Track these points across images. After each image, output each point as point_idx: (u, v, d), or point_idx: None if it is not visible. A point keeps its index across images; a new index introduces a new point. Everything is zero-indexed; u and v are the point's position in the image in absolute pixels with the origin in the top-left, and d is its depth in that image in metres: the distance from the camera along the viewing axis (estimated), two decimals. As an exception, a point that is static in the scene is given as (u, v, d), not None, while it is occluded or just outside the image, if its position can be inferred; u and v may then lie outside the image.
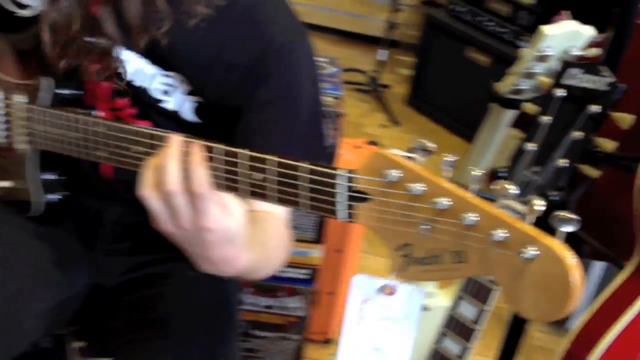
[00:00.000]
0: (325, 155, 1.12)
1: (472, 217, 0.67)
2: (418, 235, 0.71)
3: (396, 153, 0.73)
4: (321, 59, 1.84)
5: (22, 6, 1.07)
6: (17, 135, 1.09)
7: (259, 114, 1.02)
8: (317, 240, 1.70)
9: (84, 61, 0.99)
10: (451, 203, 0.68)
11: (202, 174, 0.77)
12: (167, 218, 0.79)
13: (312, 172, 0.77)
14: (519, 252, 0.63)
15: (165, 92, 1.05)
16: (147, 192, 0.79)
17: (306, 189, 0.77)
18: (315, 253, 1.71)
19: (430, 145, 0.73)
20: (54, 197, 1.14)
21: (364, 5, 4.66)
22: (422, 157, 0.73)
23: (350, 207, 0.75)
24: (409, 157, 0.72)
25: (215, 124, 1.06)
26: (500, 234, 0.65)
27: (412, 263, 0.72)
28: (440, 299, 1.56)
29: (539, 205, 0.66)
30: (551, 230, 0.65)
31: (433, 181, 0.69)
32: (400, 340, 0.92)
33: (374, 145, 2.16)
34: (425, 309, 1.57)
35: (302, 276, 1.74)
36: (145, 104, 1.06)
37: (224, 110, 1.04)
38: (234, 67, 1.01)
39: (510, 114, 1.27)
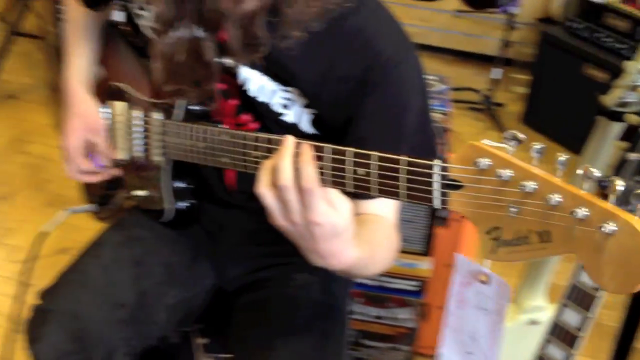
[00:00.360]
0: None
1: (556, 197, 0.72)
2: (507, 217, 0.77)
3: (487, 143, 0.79)
4: (430, 77, 1.89)
5: None
6: (153, 149, 1.22)
7: (367, 124, 1.07)
8: (426, 252, 1.74)
9: (198, 83, 1.08)
10: (537, 186, 0.74)
11: (311, 171, 0.84)
12: (280, 213, 0.87)
13: (410, 164, 0.84)
14: (599, 227, 0.68)
15: (285, 106, 1.13)
16: (263, 189, 0.87)
17: (405, 180, 0.85)
18: (424, 265, 1.76)
19: (521, 135, 0.79)
20: (183, 204, 1.26)
21: (478, 25, 4.65)
22: (512, 147, 0.79)
23: (444, 194, 0.82)
24: (500, 147, 0.78)
25: (329, 135, 1.12)
26: (582, 211, 0.70)
27: (502, 245, 0.78)
28: (549, 312, 1.57)
29: (620, 184, 0.71)
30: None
31: (520, 166, 0.76)
32: (492, 334, 0.96)
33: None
34: (534, 322, 1.59)
35: (411, 288, 1.78)
36: (267, 118, 1.15)
37: (336, 122, 1.10)
38: (344, 79, 1.07)
39: (617, 127, 1.28)
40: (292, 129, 1.14)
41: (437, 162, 0.81)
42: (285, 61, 1.08)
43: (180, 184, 1.25)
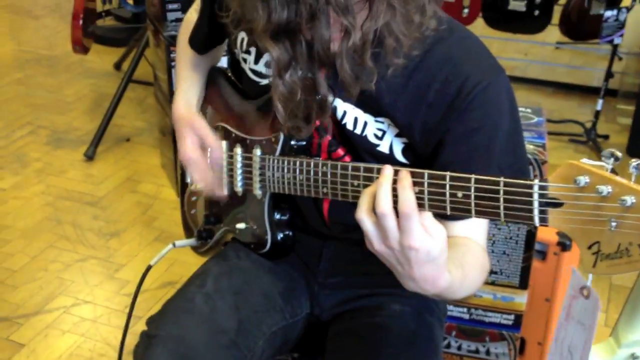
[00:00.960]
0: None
1: None
2: (607, 232, 0.80)
3: (585, 162, 0.82)
4: (526, 110, 1.89)
5: (263, 76, 1.27)
6: (253, 183, 1.28)
7: (457, 147, 1.09)
8: (522, 285, 1.72)
9: (309, 119, 1.14)
10: (636, 200, 0.77)
11: (409, 196, 0.89)
12: (378, 239, 0.92)
13: (509, 184, 0.88)
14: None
15: (378, 137, 1.17)
16: (363, 215, 0.92)
17: (504, 200, 0.88)
18: (520, 299, 1.74)
19: (618, 153, 0.83)
20: (281, 235, 1.31)
21: (580, 56, 4.56)
22: (609, 164, 0.81)
23: (544, 212, 0.85)
24: (598, 165, 0.82)
25: (420, 163, 1.16)
26: None
27: (603, 259, 0.81)
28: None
29: None
30: None
31: (619, 182, 0.79)
32: (585, 350, 0.97)
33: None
34: (635, 357, 1.54)
35: (506, 322, 1.76)
36: (361, 150, 1.19)
37: (427, 149, 1.13)
38: (435, 106, 1.10)
39: None
40: (386, 159, 1.17)
41: (536, 182, 0.85)
42: (377, 92, 1.12)
43: (279, 216, 1.31)
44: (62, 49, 4.51)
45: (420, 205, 0.93)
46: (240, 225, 1.36)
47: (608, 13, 3.31)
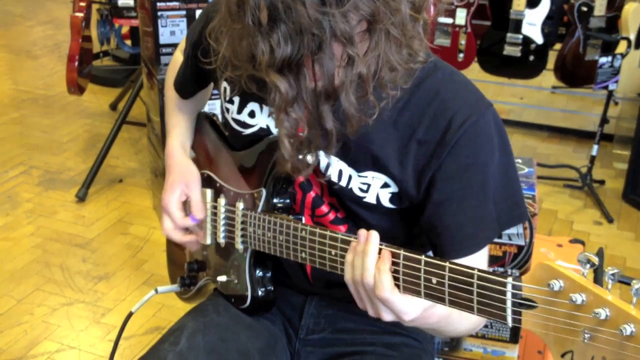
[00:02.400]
0: (523, 218, 1.15)
1: (630, 328, 0.70)
2: (580, 343, 0.76)
3: (561, 264, 0.78)
4: (517, 160, 1.87)
5: (245, 126, 1.26)
6: (236, 237, 1.26)
7: (451, 184, 1.08)
8: (513, 339, 1.69)
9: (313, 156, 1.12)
10: (611, 314, 0.72)
11: (386, 281, 0.94)
12: (358, 299, 1.01)
13: (482, 278, 0.86)
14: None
15: (363, 190, 1.15)
16: (349, 281, 1.01)
17: (477, 294, 0.86)
18: (511, 353, 1.70)
19: (595, 259, 0.78)
20: (262, 291, 1.28)
21: (577, 101, 4.57)
22: (586, 269, 0.78)
23: (517, 313, 0.82)
24: (573, 269, 0.78)
25: (408, 207, 1.15)
26: None
27: None
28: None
29: None
30: None
31: (594, 292, 0.74)
32: None
33: (578, 243, 2.11)
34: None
35: (498, 376, 1.72)
36: (349, 201, 1.17)
37: (419, 191, 1.11)
38: (425, 142, 1.08)
39: None
40: (374, 208, 1.16)
41: (510, 281, 0.83)
42: (365, 139, 1.11)
43: (261, 272, 1.28)
44: (59, 89, 4.51)
45: (396, 286, 0.96)
46: (222, 278, 1.34)
47: (603, 59, 3.32)
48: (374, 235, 0.98)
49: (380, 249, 0.98)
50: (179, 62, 1.44)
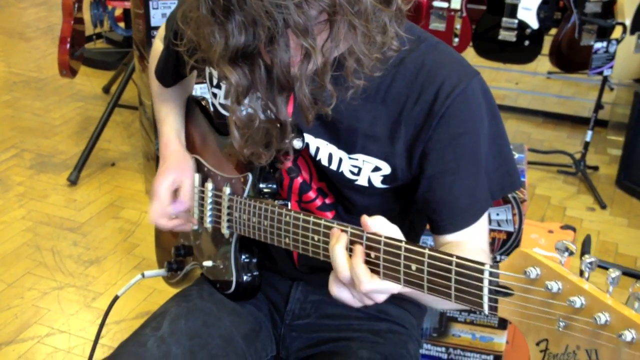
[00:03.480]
0: (515, 186, 1.15)
1: (605, 316, 0.70)
2: (555, 331, 0.75)
3: (538, 252, 0.78)
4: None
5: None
6: (222, 222, 1.25)
7: (444, 155, 1.07)
8: (502, 325, 1.68)
9: (269, 146, 1.10)
10: (586, 302, 0.72)
11: (362, 273, 0.93)
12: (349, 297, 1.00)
13: (460, 265, 0.85)
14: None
15: (354, 173, 1.14)
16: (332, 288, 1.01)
17: (455, 281, 0.86)
18: (500, 339, 1.69)
19: (573, 246, 0.78)
20: (248, 276, 1.27)
21: (573, 86, 4.55)
22: (563, 257, 0.77)
23: (493, 300, 0.82)
24: (551, 257, 0.77)
25: (401, 187, 1.14)
26: (630, 334, 0.67)
27: (550, 358, 0.76)
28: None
29: None
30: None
31: (570, 280, 0.74)
32: None
33: (569, 229, 2.10)
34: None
35: (486, 362, 1.72)
36: (340, 185, 1.17)
37: (411, 167, 1.11)
38: (414, 117, 1.07)
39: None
40: (365, 191, 1.15)
41: (487, 268, 0.82)
42: (355, 124, 1.10)
43: (246, 257, 1.27)
44: (52, 72, 4.48)
45: (375, 272, 0.95)
46: (208, 263, 1.33)
47: (598, 45, 3.30)
48: (342, 237, 0.98)
49: (355, 242, 0.97)
50: (159, 50, 1.42)
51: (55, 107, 4.14)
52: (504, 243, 1.61)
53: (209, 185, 1.29)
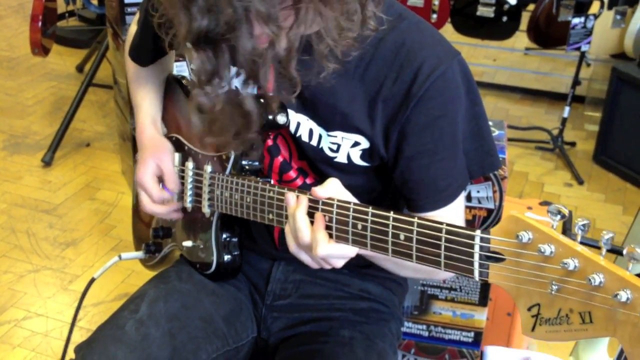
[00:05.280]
0: (494, 166, 1.15)
1: (599, 278, 0.69)
2: (548, 295, 0.74)
3: (530, 216, 0.77)
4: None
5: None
6: (203, 200, 1.23)
7: (422, 137, 1.06)
8: (482, 302, 1.68)
9: (238, 134, 1.08)
10: (579, 264, 0.71)
11: (319, 239, 0.96)
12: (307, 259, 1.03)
13: (450, 232, 0.84)
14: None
15: (333, 150, 1.12)
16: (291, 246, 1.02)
17: (445, 249, 0.84)
18: (480, 316, 1.70)
19: (565, 210, 0.76)
20: (229, 256, 1.26)
21: (548, 63, 4.56)
22: (555, 221, 0.76)
23: (484, 266, 0.81)
24: (543, 221, 0.76)
25: (381, 164, 1.13)
26: (625, 294, 0.67)
27: (542, 323, 0.76)
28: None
29: None
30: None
31: (563, 243, 0.73)
32: None
33: (548, 205, 2.11)
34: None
35: (466, 339, 1.72)
36: (320, 162, 1.15)
37: (389, 145, 1.09)
38: (392, 97, 1.06)
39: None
40: (345, 169, 1.14)
41: (478, 233, 0.81)
42: (333, 101, 1.08)
43: (227, 237, 1.25)
44: (24, 51, 4.39)
45: (362, 244, 0.94)
46: (187, 243, 1.31)
47: (575, 20, 3.29)
48: (302, 202, 0.99)
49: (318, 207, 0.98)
50: (134, 32, 1.39)
51: (27, 86, 4.06)
52: (485, 220, 1.60)
53: (190, 165, 1.27)
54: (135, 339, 1.14)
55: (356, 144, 1.11)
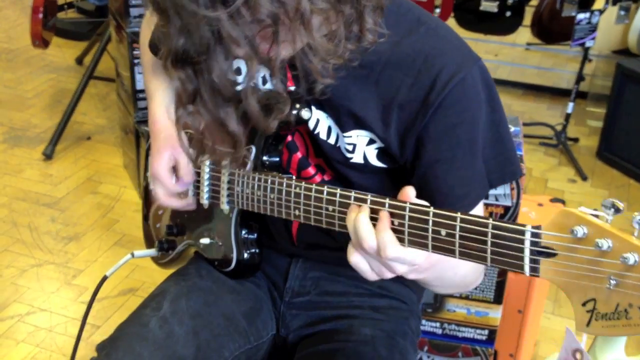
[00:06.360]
0: (515, 175, 1.12)
1: None
2: (605, 290, 0.74)
3: (583, 210, 0.75)
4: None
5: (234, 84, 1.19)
6: (221, 197, 1.20)
7: (439, 144, 1.03)
8: (497, 300, 1.67)
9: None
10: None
11: (388, 240, 0.89)
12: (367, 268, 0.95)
13: (498, 228, 0.82)
14: None
15: (349, 150, 1.10)
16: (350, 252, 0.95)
17: (492, 244, 0.82)
18: (495, 314, 1.68)
19: (620, 203, 0.76)
20: (248, 253, 1.23)
21: (552, 58, 4.55)
22: (610, 215, 0.75)
23: (535, 261, 0.79)
24: (596, 215, 0.75)
25: (398, 166, 1.10)
26: None
27: (598, 318, 0.75)
28: (630, 366, 1.47)
29: None
30: None
31: (621, 237, 0.72)
32: None
33: (558, 202, 2.10)
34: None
35: (480, 337, 1.71)
36: (336, 161, 1.12)
37: (405, 150, 1.07)
38: (408, 104, 1.03)
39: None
40: (362, 169, 1.12)
41: (529, 228, 0.79)
42: (346, 103, 1.06)
43: (246, 234, 1.23)
44: (23, 42, 4.36)
45: (400, 240, 0.91)
46: (205, 240, 1.28)
47: (581, 16, 3.28)
48: (364, 207, 0.94)
49: (378, 210, 0.92)
50: (152, 21, 1.36)
51: (27, 79, 4.03)
52: (502, 218, 1.59)
53: (206, 160, 1.24)
54: (159, 336, 1.12)
55: (372, 141, 1.09)
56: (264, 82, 1.00)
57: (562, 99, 3.92)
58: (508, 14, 3.52)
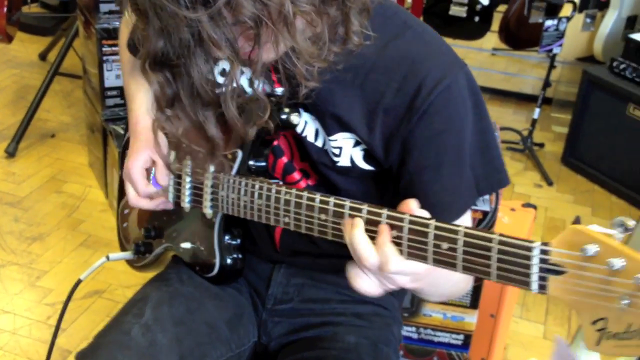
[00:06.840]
0: (503, 183, 1.11)
1: None
2: (616, 309, 0.72)
3: (593, 229, 0.74)
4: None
5: (219, 86, 1.17)
6: (204, 201, 1.17)
7: (426, 152, 1.02)
8: (473, 305, 1.68)
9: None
10: None
11: (390, 255, 0.87)
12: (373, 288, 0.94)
13: (504, 243, 0.80)
14: None
15: (336, 154, 1.09)
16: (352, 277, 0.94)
17: (497, 259, 0.81)
18: (470, 318, 1.69)
19: (631, 222, 0.75)
20: (230, 259, 1.21)
21: (517, 64, 4.60)
22: (620, 234, 0.74)
23: (544, 279, 0.78)
24: (607, 233, 0.74)
25: (385, 169, 1.08)
26: None
27: (609, 337, 0.74)
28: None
29: None
30: None
31: (634, 257, 0.71)
32: None
33: (530, 207, 2.11)
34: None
35: (455, 341, 1.72)
36: (323, 165, 1.11)
37: (390, 155, 1.05)
38: (394, 109, 1.02)
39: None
40: (348, 172, 1.10)
41: (537, 245, 0.78)
42: (331, 107, 1.05)
43: (230, 239, 1.20)
44: (-17, 36, 4.24)
45: (400, 252, 0.89)
46: (185, 245, 1.26)
47: (549, 22, 3.32)
48: (357, 222, 0.91)
49: (375, 221, 0.91)
50: (130, 22, 1.33)
51: (-12, 74, 3.93)
52: (480, 222, 1.59)
53: (189, 163, 1.22)
54: (142, 345, 1.09)
55: (357, 143, 1.08)
56: (251, 83, 0.98)
57: (527, 104, 3.97)
58: (476, 19, 3.55)
